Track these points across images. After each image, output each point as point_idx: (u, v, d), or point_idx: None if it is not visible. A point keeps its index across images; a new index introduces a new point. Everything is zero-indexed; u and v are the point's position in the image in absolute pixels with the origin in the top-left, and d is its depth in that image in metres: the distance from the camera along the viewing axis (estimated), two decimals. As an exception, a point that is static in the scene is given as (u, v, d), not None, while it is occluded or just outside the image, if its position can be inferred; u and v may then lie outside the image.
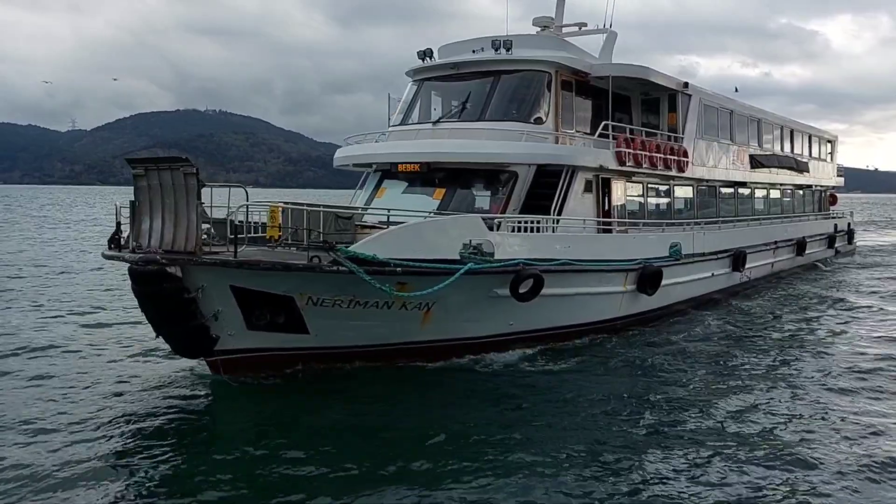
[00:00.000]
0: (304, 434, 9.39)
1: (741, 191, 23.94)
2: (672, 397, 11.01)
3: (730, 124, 22.69)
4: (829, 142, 34.40)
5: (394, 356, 12.36)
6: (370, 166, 16.89)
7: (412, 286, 11.25)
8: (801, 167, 28.85)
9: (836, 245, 32.31)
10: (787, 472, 8.15)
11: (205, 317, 10.86)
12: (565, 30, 19.94)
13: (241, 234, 11.61)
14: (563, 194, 14.96)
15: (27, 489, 7.58)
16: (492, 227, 12.66)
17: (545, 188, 15.05)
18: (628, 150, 16.35)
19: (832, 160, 34.83)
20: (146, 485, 7.82)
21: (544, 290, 12.91)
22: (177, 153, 10.77)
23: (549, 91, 16.01)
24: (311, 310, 11.33)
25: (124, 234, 11.30)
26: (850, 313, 18.56)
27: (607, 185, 16.53)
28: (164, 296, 10.38)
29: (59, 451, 8.57)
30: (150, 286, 10.27)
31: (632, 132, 17.67)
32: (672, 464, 8.38)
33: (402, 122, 16.90)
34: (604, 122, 16.26)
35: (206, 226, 14.60)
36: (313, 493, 7.54)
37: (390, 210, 13.71)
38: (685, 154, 18.93)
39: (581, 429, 9.60)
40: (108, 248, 11.48)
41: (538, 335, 13.98)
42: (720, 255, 19.98)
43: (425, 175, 15.37)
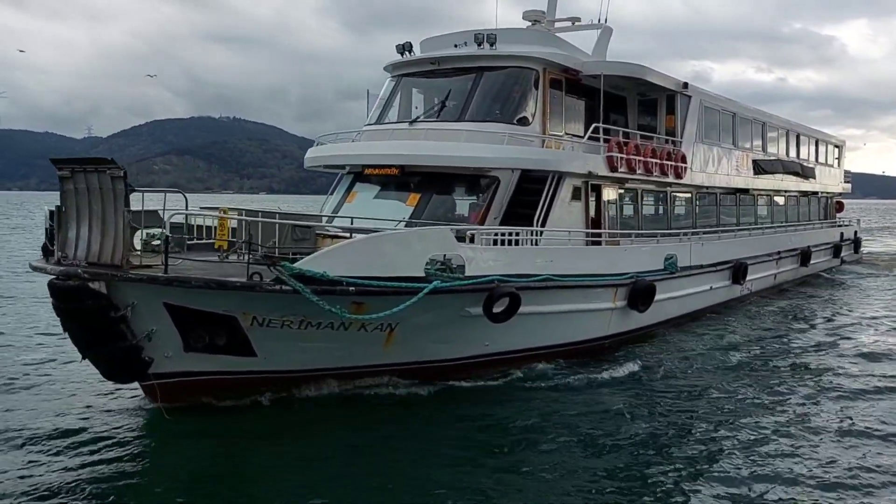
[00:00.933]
0: (254, 472, 8.43)
1: (743, 198, 22.70)
2: (651, 424, 9.82)
3: (732, 127, 21.44)
4: (837, 147, 33.11)
5: (354, 380, 11.19)
6: (343, 168, 15.68)
7: (370, 307, 10.05)
8: (806, 173, 27.58)
9: (842, 254, 31.06)
10: None
11: (136, 337, 9.70)
12: (557, 25, 18.73)
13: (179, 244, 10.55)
14: (547, 202, 13.75)
15: None
16: (464, 239, 11.46)
17: (530, 195, 13.84)
18: (621, 155, 15.12)
19: (839, 166, 33.55)
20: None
21: (523, 309, 11.72)
22: (100, 156, 9.54)
23: (536, 90, 14.78)
24: (257, 330, 10.15)
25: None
26: (853, 328, 17.41)
27: (597, 192, 15.31)
28: (88, 314, 9.22)
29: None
30: (71, 303, 9.10)
31: (626, 135, 16.46)
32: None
33: (378, 121, 15.68)
34: (594, 125, 15.04)
35: (156, 231, 13.62)
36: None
37: (354, 218, 12.50)
38: (683, 159, 17.70)
39: (564, 463, 8.49)
40: (40, 258, 10.35)
41: (518, 356, 12.81)
42: (719, 268, 18.75)
43: (399, 179, 14.15)
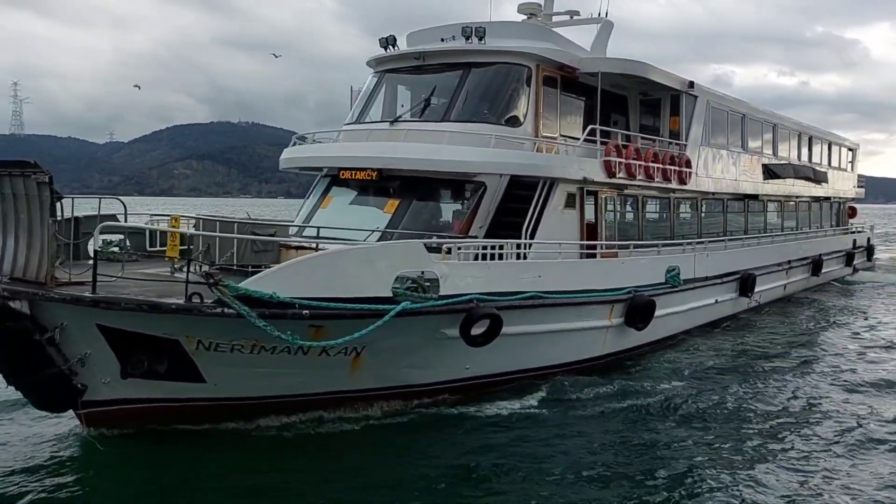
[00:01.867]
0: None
1: (752, 204, 21.47)
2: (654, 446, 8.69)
3: (741, 130, 20.22)
4: (850, 150, 31.79)
5: (317, 408, 10.11)
6: (320, 170, 14.57)
7: (329, 331, 8.95)
8: (818, 177, 26.29)
9: (855, 262, 29.78)
10: None
11: (68, 361, 8.66)
12: (555, 19, 17.56)
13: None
14: (537, 211, 12.60)
15: None
16: (440, 251, 10.34)
17: (519, 202, 12.71)
18: (619, 160, 13.97)
19: (853, 169, 32.24)
20: None
21: (507, 330, 10.61)
22: (25, 159, 8.49)
23: (528, 88, 13.64)
24: (204, 355, 9.06)
25: None
26: (869, 339, 16.27)
27: (594, 199, 14.17)
28: (9, 336, 8.19)
29: None
30: (-12, 325, 8.04)
31: (627, 138, 15.31)
32: None
33: (358, 120, 14.56)
34: (590, 126, 13.89)
35: (113, 238, 12.54)
36: None
37: (321, 227, 11.39)
38: (688, 163, 16.52)
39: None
40: None
41: (503, 379, 11.71)
42: (726, 279, 17.56)
43: (378, 184, 13.03)
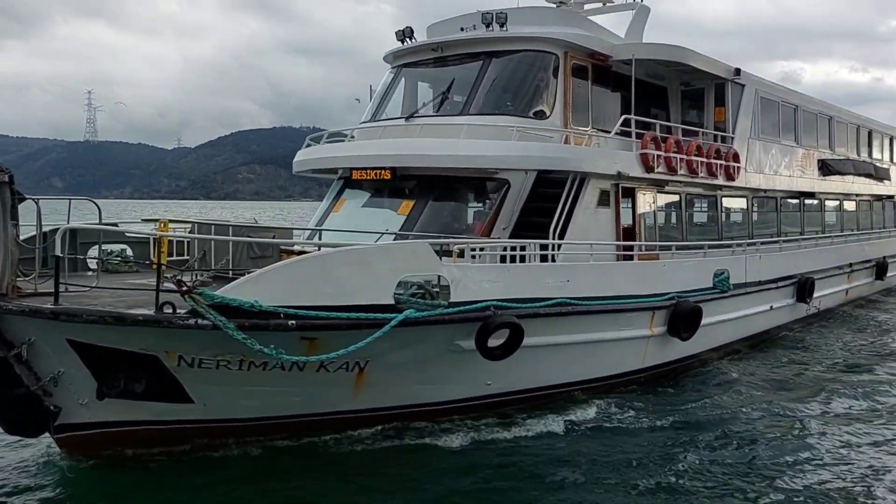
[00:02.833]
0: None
1: (808, 203, 19.85)
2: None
3: (794, 122, 18.68)
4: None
5: (318, 430, 9.10)
6: (335, 172, 13.63)
7: (324, 344, 7.94)
8: (880, 174, 24.39)
9: (923, 265, 27.63)
10: None
11: (39, 381, 7.83)
12: (587, 7, 16.38)
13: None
14: (567, 209, 11.42)
15: None
16: (451, 254, 9.25)
17: (548, 201, 11.56)
18: (658, 153, 12.72)
19: (918, 166, 30.07)
20: None
21: (530, 341, 9.47)
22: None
23: (556, 78, 12.51)
24: (188, 372, 8.14)
25: None
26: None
27: (631, 197, 12.92)
28: (-30, 354, 7.38)
29: None
30: (-56, 341, 7.27)
31: (668, 130, 14.03)
32: None
33: (374, 118, 13.60)
34: (623, 116, 12.67)
35: (116, 248, 11.81)
36: None
37: (323, 231, 10.43)
38: (735, 157, 15.14)
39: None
40: None
41: (529, 396, 10.54)
42: (781, 284, 16.03)
43: (393, 184, 12.03)
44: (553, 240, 10.86)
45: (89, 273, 10.82)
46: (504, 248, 9.93)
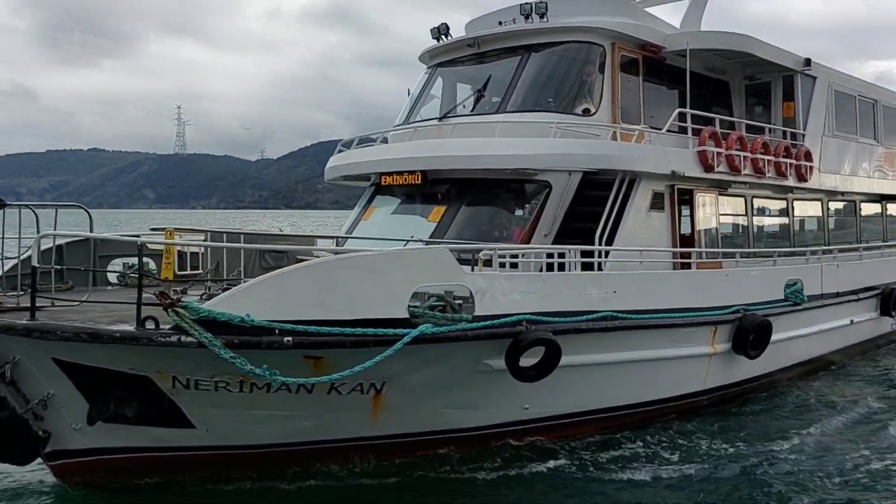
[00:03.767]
0: None
1: (892, 206, 18.08)
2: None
3: (873, 118, 17.02)
4: None
5: (333, 457, 8.22)
6: (367, 179, 12.82)
7: (332, 363, 7.05)
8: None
9: None
10: None
11: (28, 403, 7.21)
12: (639, -2, 15.23)
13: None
14: (615, 212, 10.31)
15: None
16: (481, 263, 8.24)
17: (595, 205, 10.47)
18: (718, 150, 11.48)
19: None
20: None
21: (573, 359, 8.42)
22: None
23: (602, 73, 11.44)
24: (185, 395, 7.38)
25: None
26: None
27: (689, 200, 11.70)
28: (-52, 374, 6.80)
29: None
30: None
31: (731, 126, 12.77)
32: None
33: (406, 121, 12.76)
34: (678, 110, 11.49)
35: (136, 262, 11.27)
36: None
37: (338, 238, 9.59)
38: (808, 156, 13.71)
39: None
40: None
41: (575, 422, 9.44)
42: (862, 295, 14.42)
43: (424, 189, 11.14)
44: (598, 246, 9.75)
45: (109, 288, 10.32)
46: (539, 255, 8.87)
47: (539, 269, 9.04)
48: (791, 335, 12.04)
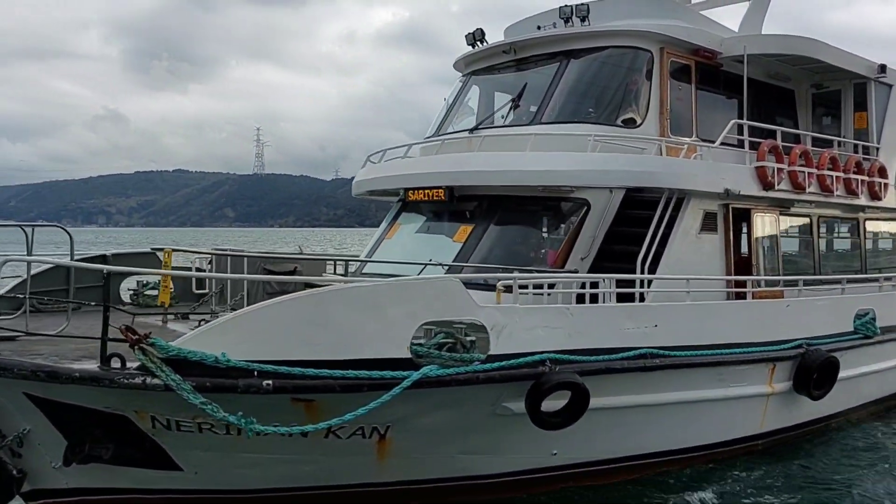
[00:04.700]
0: None
1: None
2: None
3: None
4: None
5: (338, 503, 7.45)
6: (396, 194, 12.06)
7: (326, 408, 6.26)
8: None
9: None
10: None
11: (4, 438, 6.62)
12: (694, 1, 14.13)
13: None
14: (660, 234, 9.27)
15: None
16: (500, 292, 7.33)
17: (640, 225, 9.46)
18: (779, 166, 10.34)
19: None
20: None
21: (607, 401, 7.48)
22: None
23: (649, 80, 10.43)
24: (166, 435, 6.69)
25: None
26: None
27: (745, 220, 10.58)
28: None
29: None
30: None
31: (795, 139, 11.59)
32: None
33: (437, 132, 11.95)
34: (732, 121, 10.40)
35: (152, 280, 10.79)
36: None
37: (350, 260, 8.82)
38: (882, 172, 12.39)
39: None
40: None
41: (609, 468, 8.44)
42: None
43: (451, 206, 10.31)
44: (639, 274, 8.74)
45: (121, 307, 9.79)
46: (568, 285, 7.92)
47: (568, 300, 8.09)
48: (861, 371, 10.77)
